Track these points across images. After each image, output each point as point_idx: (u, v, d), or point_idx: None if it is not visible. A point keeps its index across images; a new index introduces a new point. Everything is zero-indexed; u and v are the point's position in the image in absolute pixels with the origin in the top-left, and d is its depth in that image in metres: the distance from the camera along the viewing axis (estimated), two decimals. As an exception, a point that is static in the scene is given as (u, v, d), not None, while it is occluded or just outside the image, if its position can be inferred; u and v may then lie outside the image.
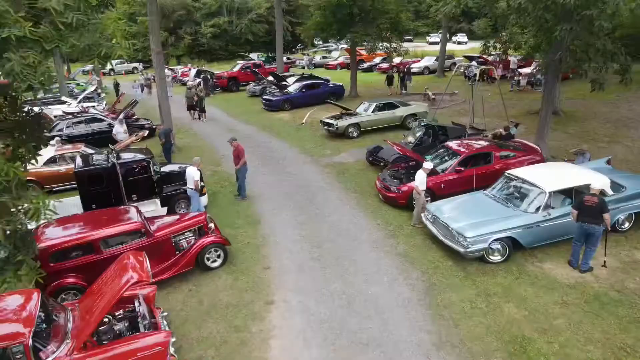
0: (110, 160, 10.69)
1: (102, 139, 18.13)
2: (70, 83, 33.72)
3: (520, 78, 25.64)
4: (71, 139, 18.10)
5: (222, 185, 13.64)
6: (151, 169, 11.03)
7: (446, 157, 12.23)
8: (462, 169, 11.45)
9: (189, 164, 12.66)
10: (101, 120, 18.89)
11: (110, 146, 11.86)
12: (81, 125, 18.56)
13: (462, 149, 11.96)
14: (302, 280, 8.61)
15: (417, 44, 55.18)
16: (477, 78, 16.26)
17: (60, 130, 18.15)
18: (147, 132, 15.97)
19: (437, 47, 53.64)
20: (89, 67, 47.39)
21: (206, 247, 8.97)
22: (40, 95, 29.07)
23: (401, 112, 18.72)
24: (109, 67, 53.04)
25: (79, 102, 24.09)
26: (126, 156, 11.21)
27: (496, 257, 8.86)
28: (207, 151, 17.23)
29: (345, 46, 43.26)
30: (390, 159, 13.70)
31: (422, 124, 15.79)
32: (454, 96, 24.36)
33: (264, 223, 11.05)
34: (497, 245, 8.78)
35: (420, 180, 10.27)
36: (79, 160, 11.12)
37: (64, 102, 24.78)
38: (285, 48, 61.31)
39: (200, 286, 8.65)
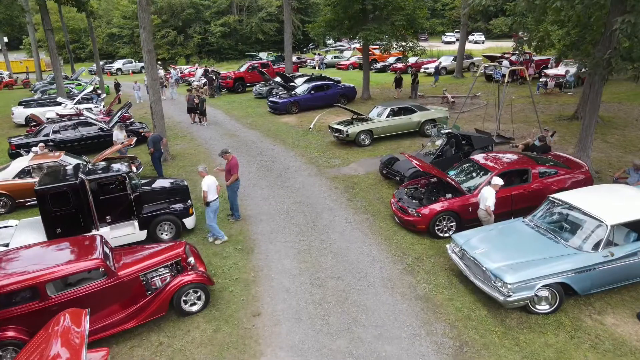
0: (78, 176, 9.09)
1: (93, 145, 16.79)
2: (71, 83, 32.50)
3: (548, 79, 23.60)
4: (59, 145, 16.70)
5: (215, 201, 11.99)
6: (128, 185, 9.43)
7: (473, 174, 10.42)
8: (494, 188, 9.62)
9: (178, 179, 11.12)
10: (91, 125, 17.38)
11: (84, 157, 10.29)
12: (69, 130, 17.07)
13: (493, 165, 10.13)
14: (299, 334, 6.90)
15: (432, 43, 53.13)
16: (506, 79, 14.38)
17: (47, 135, 16.70)
18: (135, 139, 14.39)
19: (453, 47, 51.73)
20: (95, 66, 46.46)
21: (183, 287, 7.32)
22: (38, 96, 27.95)
23: (418, 117, 16.88)
24: (116, 66, 52.18)
25: (75, 103, 22.68)
26: (100, 170, 9.63)
27: (543, 307, 7.06)
28: (203, 159, 15.61)
29: (357, 45, 41.51)
30: (407, 173, 11.94)
31: (443, 131, 14.00)
32: (475, 99, 22.45)
33: (257, 251, 9.36)
34: (544, 292, 6.98)
35: (491, 200, 8.62)
36: (42, 174, 9.58)
37: (59, 104, 23.42)
38: (296, 47, 59.86)
39: (173, 338, 7.00)
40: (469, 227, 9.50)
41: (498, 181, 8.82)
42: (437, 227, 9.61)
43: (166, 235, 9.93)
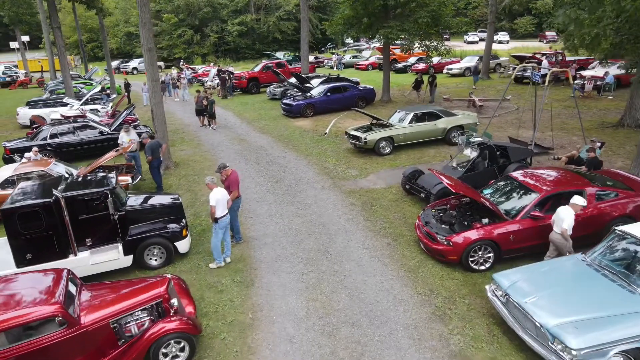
0: (52, 193, 7.86)
1: (93, 149, 15.72)
2: (82, 83, 31.74)
3: (585, 82, 21.68)
4: (56, 150, 15.69)
5: (216, 218, 10.66)
6: (110, 203, 8.14)
7: (513, 194, 8.84)
8: (541, 214, 8.06)
9: (173, 195, 9.80)
10: (92, 128, 16.28)
11: (67, 168, 9.08)
12: (68, 134, 16.00)
13: (538, 184, 8.55)
14: (302, 404, 5.50)
15: (454, 43, 51.09)
16: (547, 81, 12.74)
17: (44, 139, 15.66)
18: (133, 144, 13.17)
19: (476, 47, 49.68)
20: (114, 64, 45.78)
21: (163, 337, 5.98)
22: (46, 96, 27.17)
23: (444, 123, 15.30)
24: (132, 65, 51.54)
25: (82, 103, 21.74)
26: (79, 185, 8.39)
27: (616, 378, 5.51)
28: (207, 168, 14.33)
29: (377, 44, 39.94)
30: (433, 189, 10.42)
31: (473, 139, 12.42)
32: (504, 102, 20.68)
33: (258, 285, 7.97)
34: (619, 360, 5.44)
35: (568, 222, 7.18)
36: (17, 189, 8.39)
37: (66, 104, 22.49)
38: (314, 47, 58.50)
39: (148, 403, 5.68)
40: (508, 259, 8.06)
41: (580, 201, 7.28)
42: (471, 259, 8.09)
43: (155, 260, 8.64)
